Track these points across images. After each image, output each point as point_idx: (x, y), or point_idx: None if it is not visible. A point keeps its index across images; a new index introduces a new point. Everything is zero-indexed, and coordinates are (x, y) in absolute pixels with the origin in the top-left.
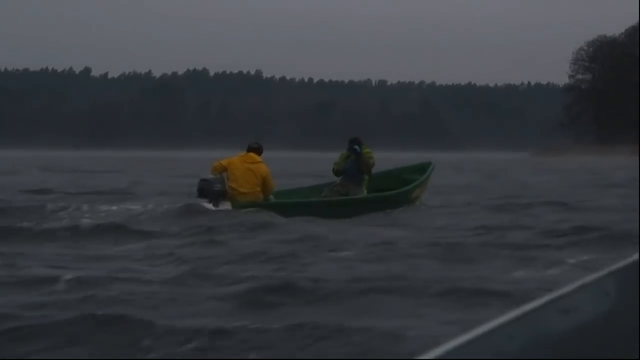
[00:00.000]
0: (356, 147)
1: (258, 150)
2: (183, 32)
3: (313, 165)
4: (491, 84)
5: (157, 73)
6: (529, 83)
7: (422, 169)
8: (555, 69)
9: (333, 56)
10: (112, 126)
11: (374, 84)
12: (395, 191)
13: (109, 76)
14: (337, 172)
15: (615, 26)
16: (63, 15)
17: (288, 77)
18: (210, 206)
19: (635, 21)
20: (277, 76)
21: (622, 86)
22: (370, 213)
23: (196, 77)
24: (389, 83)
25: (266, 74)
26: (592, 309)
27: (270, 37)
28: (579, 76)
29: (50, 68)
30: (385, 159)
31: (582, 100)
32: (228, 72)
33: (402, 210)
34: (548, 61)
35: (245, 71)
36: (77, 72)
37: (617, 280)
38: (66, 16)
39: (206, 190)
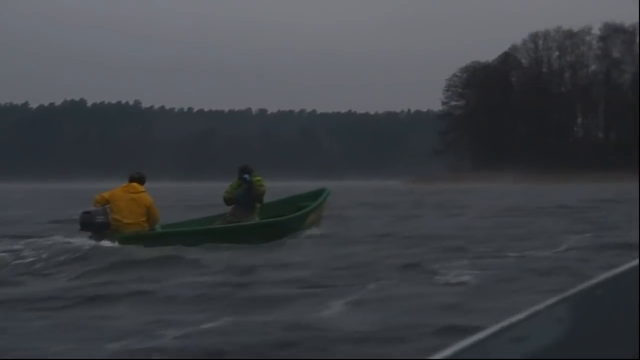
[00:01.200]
0: (246, 176)
1: (140, 180)
2: (60, 63)
3: (195, 195)
4: (372, 112)
5: (33, 104)
6: (409, 110)
7: (317, 195)
8: (435, 97)
9: (213, 85)
10: None
11: (254, 113)
12: (287, 217)
13: None
14: (228, 201)
15: (489, 53)
16: None
17: (167, 107)
18: (92, 241)
19: (505, 48)
20: (156, 106)
21: (495, 112)
22: (264, 240)
23: (74, 108)
24: (269, 112)
25: (145, 104)
26: (543, 336)
27: (149, 66)
28: (453, 103)
29: None
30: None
31: (456, 127)
32: (106, 102)
33: (295, 236)
34: (428, 89)
35: (123, 101)
36: None
37: (570, 305)
38: None
39: (89, 223)
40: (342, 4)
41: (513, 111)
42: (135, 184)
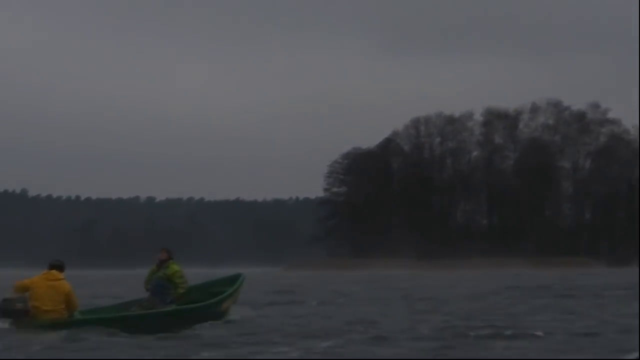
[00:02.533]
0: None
1: (60, 268)
2: None
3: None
4: (259, 199)
5: None
6: (297, 198)
7: (232, 281)
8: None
9: (101, 173)
10: None
11: (142, 200)
12: (203, 303)
13: None
14: (147, 289)
15: (372, 138)
16: None
17: (54, 195)
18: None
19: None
20: (43, 194)
21: (376, 198)
22: (179, 326)
23: None
24: (157, 200)
25: (32, 192)
26: None
27: (35, 154)
28: (334, 189)
29: None
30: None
31: (335, 214)
32: None
33: (210, 324)
34: (316, 175)
35: (10, 190)
36: None
37: None
38: None
39: (7, 310)
40: (229, 92)
41: (394, 197)
42: (54, 272)
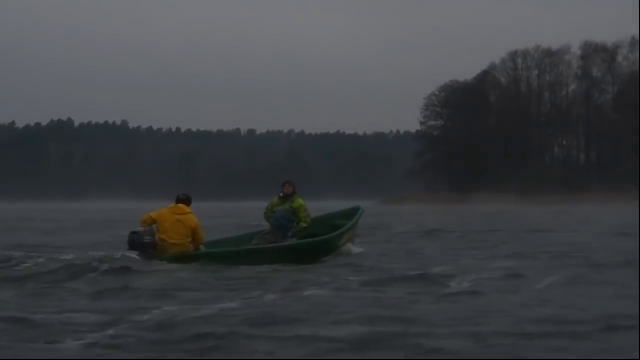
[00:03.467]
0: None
1: (186, 202)
2: (46, 82)
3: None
4: (360, 133)
5: (20, 123)
6: (397, 131)
7: (351, 214)
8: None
9: (203, 105)
10: None
11: (242, 133)
12: (327, 236)
13: None
14: (268, 219)
15: (468, 71)
16: None
17: (155, 127)
18: (137, 257)
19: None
20: (144, 126)
21: (474, 132)
22: (304, 260)
23: (60, 128)
24: (258, 132)
25: (132, 124)
26: None
27: (137, 86)
28: (431, 122)
29: None
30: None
31: (433, 147)
32: (93, 122)
33: (333, 256)
34: (414, 108)
35: (110, 121)
36: None
37: None
38: None
39: (136, 242)
40: (326, 25)
41: (491, 131)
42: (181, 205)
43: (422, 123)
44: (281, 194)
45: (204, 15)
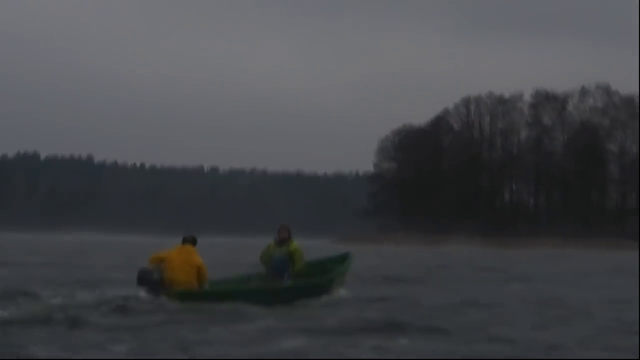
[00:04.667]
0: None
1: (193, 242)
2: (15, 114)
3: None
4: (320, 173)
5: None
6: (357, 172)
7: (342, 259)
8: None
9: (166, 142)
10: None
11: (206, 170)
12: (322, 279)
13: None
14: (266, 263)
15: (421, 116)
16: None
17: (120, 162)
18: (146, 295)
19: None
20: (109, 161)
21: (426, 175)
22: (299, 300)
23: (26, 160)
24: (220, 170)
25: (97, 158)
26: None
27: (103, 122)
28: (385, 165)
29: None
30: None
31: (386, 189)
32: (60, 155)
33: (326, 300)
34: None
35: (76, 155)
36: None
37: None
38: None
39: (145, 280)
40: (301, 69)
41: (443, 175)
42: (188, 246)
43: (375, 165)
44: (277, 239)
45: (175, 49)
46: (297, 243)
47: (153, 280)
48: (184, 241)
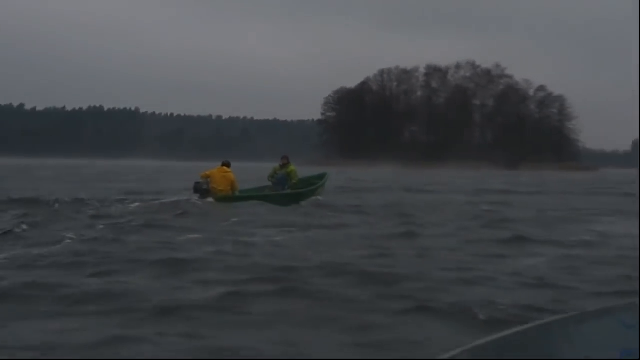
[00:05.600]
0: (282, 173)
1: (228, 165)
2: (78, 72)
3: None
4: (289, 120)
5: (69, 107)
6: (312, 119)
7: (321, 177)
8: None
9: (190, 94)
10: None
11: (213, 117)
12: (310, 189)
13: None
14: (272, 179)
15: (354, 80)
16: None
17: (157, 112)
18: (199, 200)
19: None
20: (149, 111)
21: (355, 121)
22: (293, 203)
23: (94, 111)
24: (223, 117)
25: (142, 109)
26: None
27: (148, 81)
28: (328, 114)
29: None
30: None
31: (329, 130)
32: (117, 108)
33: (310, 201)
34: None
35: (128, 108)
36: None
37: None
38: None
39: (198, 189)
40: (279, 47)
41: (367, 120)
42: (225, 167)
43: (322, 114)
44: (280, 164)
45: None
46: (293, 166)
47: (203, 189)
48: (223, 164)
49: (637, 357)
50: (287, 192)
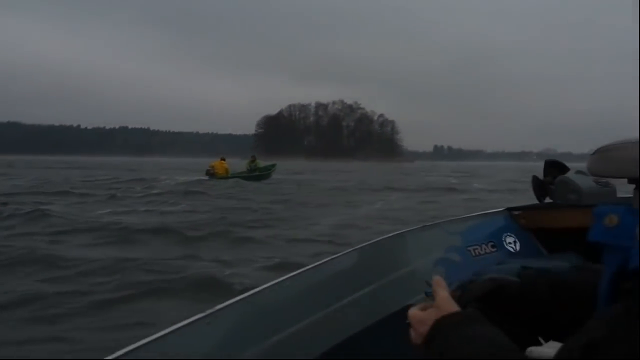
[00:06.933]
0: (253, 164)
1: (224, 159)
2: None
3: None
4: (239, 133)
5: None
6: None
7: (273, 165)
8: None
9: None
10: None
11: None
12: (266, 172)
13: None
14: (247, 167)
15: (277, 107)
16: None
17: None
18: (207, 178)
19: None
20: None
21: (276, 134)
22: (261, 179)
23: (122, 130)
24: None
25: (153, 127)
26: None
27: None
28: (260, 130)
29: None
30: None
31: (261, 141)
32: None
33: (268, 180)
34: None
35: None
36: None
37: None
38: None
39: (208, 172)
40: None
41: (281, 134)
42: (222, 161)
43: (256, 130)
44: (250, 159)
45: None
46: (258, 160)
47: (211, 172)
48: (221, 159)
49: (637, 357)
50: (256, 174)
